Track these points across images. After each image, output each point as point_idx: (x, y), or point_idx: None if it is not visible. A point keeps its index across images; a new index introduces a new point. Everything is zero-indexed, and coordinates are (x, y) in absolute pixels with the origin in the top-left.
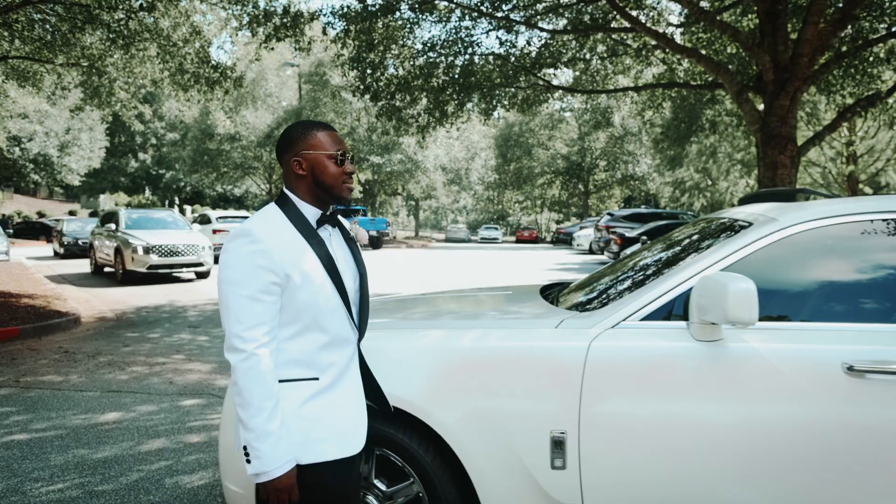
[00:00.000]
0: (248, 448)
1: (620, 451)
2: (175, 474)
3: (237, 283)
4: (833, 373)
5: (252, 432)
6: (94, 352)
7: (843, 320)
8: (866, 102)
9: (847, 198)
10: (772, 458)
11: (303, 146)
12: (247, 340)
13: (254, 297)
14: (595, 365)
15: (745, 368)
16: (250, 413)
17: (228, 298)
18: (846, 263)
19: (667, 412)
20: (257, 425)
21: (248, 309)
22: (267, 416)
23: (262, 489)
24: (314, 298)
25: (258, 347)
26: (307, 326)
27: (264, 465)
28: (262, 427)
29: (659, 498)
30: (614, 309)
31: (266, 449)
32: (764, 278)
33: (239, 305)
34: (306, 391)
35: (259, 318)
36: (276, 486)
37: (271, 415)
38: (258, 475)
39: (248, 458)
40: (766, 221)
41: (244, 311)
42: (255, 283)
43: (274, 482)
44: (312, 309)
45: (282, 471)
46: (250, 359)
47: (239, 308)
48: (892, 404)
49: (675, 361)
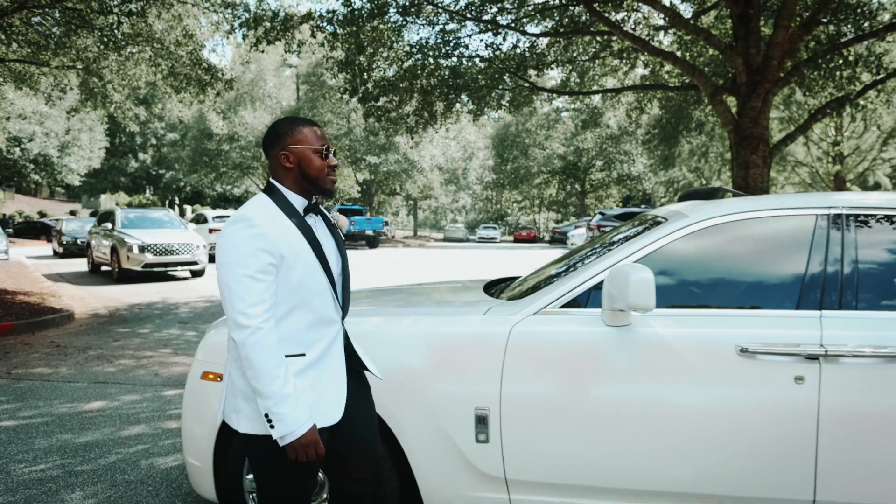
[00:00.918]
0: (269, 415)
1: (538, 426)
2: (151, 456)
3: (238, 265)
4: (727, 354)
5: (270, 399)
6: (84, 346)
7: (735, 306)
8: (836, 104)
9: (752, 196)
10: (673, 433)
11: (289, 141)
12: (250, 317)
13: (254, 276)
14: (515, 348)
15: (650, 351)
16: (265, 382)
17: (230, 279)
18: (743, 255)
19: (579, 391)
20: (274, 392)
21: (250, 288)
22: (281, 383)
23: (289, 449)
24: (305, 279)
25: (262, 322)
26: (296, 306)
27: (288, 427)
28: (279, 392)
29: (573, 469)
30: (537, 298)
31: (287, 411)
32: (671, 269)
33: (240, 285)
34: (294, 366)
35: (260, 296)
36: (302, 442)
37: (285, 381)
38: (283, 437)
39: (272, 424)
40: (678, 218)
41: (246, 290)
42: (255, 264)
43: (300, 440)
44: (302, 289)
45: (305, 428)
46: (256, 333)
47: (241, 287)
48: (779, 383)
49: (588, 345)
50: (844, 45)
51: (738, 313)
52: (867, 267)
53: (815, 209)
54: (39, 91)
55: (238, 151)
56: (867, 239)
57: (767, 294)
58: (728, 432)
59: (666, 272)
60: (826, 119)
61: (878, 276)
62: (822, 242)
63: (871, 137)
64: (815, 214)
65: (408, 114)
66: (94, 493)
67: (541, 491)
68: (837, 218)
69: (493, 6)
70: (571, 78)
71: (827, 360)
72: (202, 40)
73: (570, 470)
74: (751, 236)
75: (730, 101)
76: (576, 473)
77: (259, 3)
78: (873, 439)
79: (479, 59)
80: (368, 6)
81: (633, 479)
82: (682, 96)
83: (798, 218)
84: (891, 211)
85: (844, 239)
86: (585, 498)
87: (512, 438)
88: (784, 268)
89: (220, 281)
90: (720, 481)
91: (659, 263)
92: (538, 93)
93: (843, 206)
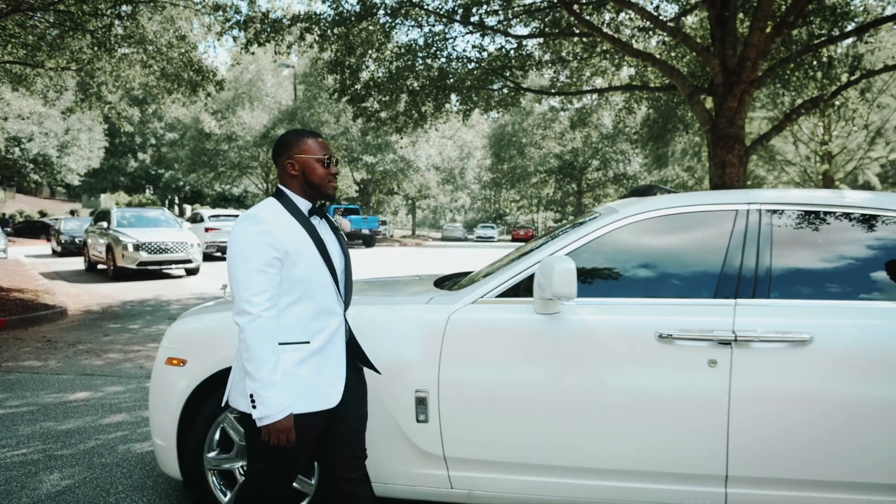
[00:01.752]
0: (254, 396)
1: (473, 407)
2: (128, 442)
3: (245, 258)
4: (647, 340)
5: (258, 382)
6: (74, 341)
7: (657, 296)
8: (811, 104)
9: (682, 193)
10: (597, 414)
11: (295, 150)
12: (253, 304)
13: (259, 269)
14: (452, 334)
15: (577, 338)
16: (257, 366)
17: (238, 271)
18: (667, 248)
19: (511, 374)
20: (263, 376)
21: (255, 279)
22: (271, 369)
23: (264, 431)
24: (307, 272)
25: (263, 311)
26: (301, 297)
27: (268, 410)
28: (267, 378)
29: (505, 447)
30: (475, 288)
31: (270, 396)
32: (600, 261)
33: (247, 276)
34: (300, 353)
35: (263, 286)
36: (277, 427)
37: (274, 368)
38: (261, 419)
39: (255, 405)
40: (609, 213)
41: (251, 281)
42: (261, 258)
43: (275, 424)
44: (306, 282)
45: (282, 415)
46: (257, 320)
47: (247, 278)
48: (694, 366)
49: (520, 331)
50: (817, 46)
51: (659, 302)
52: (781, 258)
53: (736, 205)
54: (35, 92)
55: (236, 151)
56: (782, 233)
57: (688, 284)
58: (647, 412)
59: (595, 264)
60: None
61: (790, 267)
62: (740, 236)
63: (860, 137)
64: (735, 210)
65: (396, 114)
66: (72, 474)
67: (477, 468)
68: (755, 213)
69: (479, 8)
70: (560, 78)
71: (738, 345)
72: (195, 42)
73: (502, 448)
74: (675, 230)
75: (709, 101)
76: (508, 451)
77: (251, 5)
78: (780, 418)
79: (467, 59)
80: (357, 8)
81: (562, 456)
82: (670, 96)
83: (719, 213)
84: (805, 207)
85: (761, 233)
86: (517, 474)
87: (449, 419)
88: (704, 259)
89: (229, 272)
90: (641, 457)
91: (589, 256)
92: (524, 94)
93: (761, 203)
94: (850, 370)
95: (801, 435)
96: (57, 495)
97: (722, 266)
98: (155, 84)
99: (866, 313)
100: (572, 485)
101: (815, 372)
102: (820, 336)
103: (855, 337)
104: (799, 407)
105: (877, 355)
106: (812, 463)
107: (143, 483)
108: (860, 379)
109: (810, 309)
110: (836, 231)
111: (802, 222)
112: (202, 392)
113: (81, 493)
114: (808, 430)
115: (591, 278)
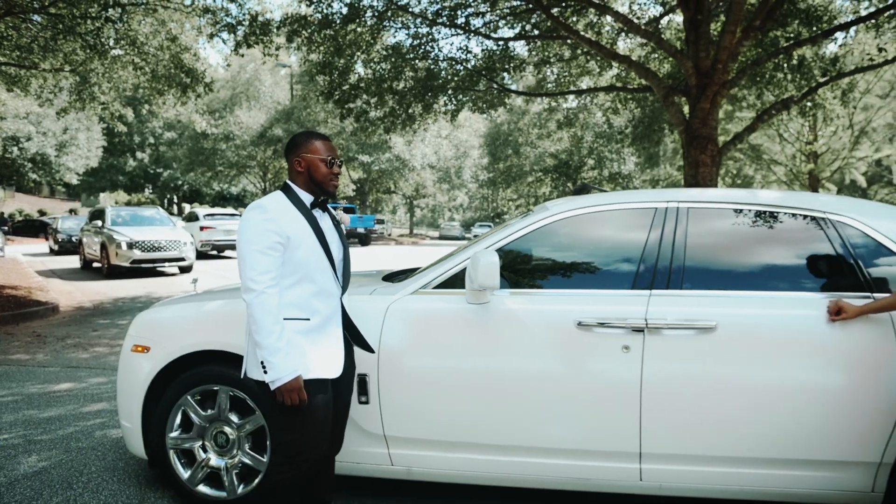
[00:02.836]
0: (264, 363)
1: (410, 389)
2: (105, 428)
3: (251, 242)
4: (568, 327)
5: (266, 349)
6: (63, 335)
7: (580, 287)
8: (781, 105)
9: (610, 192)
10: (522, 395)
11: (303, 150)
12: (258, 282)
13: (263, 251)
14: (391, 322)
15: (504, 325)
16: (263, 335)
17: (244, 252)
18: (591, 243)
19: (445, 359)
20: (270, 344)
21: (259, 260)
22: (276, 337)
23: (278, 393)
24: (307, 257)
25: (266, 287)
26: (301, 278)
27: (278, 373)
28: (274, 345)
29: (440, 426)
30: (415, 280)
31: (278, 361)
32: (530, 255)
33: (252, 258)
34: (301, 327)
35: (267, 267)
36: (288, 387)
37: (279, 336)
38: (273, 381)
39: (265, 370)
40: (541, 211)
41: (256, 262)
42: (265, 241)
43: (286, 385)
44: (306, 265)
45: (291, 377)
46: (261, 296)
47: (252, 259)
48: (610, 351)
49: (453, 319)
50: (786, 49)
51: (581, 292)
52: (694, 253)
53: (655, 203)
54: (30, 93)
55: (233, 150)
56: (696, 229)
57: (609, 276)
58: (568, 394)
59: (526, 258)
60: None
61: (702, 261)
62: (658, 232)
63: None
64: (654, 208)
65: (384, 115)
66: (49, 457)
67: (415, 446)
68: (673, 211)
69: (463, 11)
70: (549, 79)
71: (650, 332)
72: (186, 44)
73: (437, 427)
74: (599, 227)
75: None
76: (443, 430)
77: (240, 8)
78: (689, 399)
79: (454, 61)
80: (345, 10)
81: (491, 435)
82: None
83: (640, 211)
84: (719, 205)
85: (677, 229)
86: (451, 452)
87: (388, 400)
88: (625, 254)
89: (238, 254)
90: (563, 436)
91: (520, 250)
92: (507, 95)
93: (679, 201)
94: (751, 355)
95: (708, 414)
96: (33, 475)
97: (640, 260)
98: (147, 86)
99: (768, 303)
100: (502, 461)
101: (719, 356)
102: (724, 323)
103: (756, 324)
104: (705, 388)
105: (776, 341)
106: (718, 440)
107: (115, 464)
108: (761, 362)
109: (717, 299)
110: (745, 228)
111: (716, 219)
112: (164, 377)
113: (56, 473)
114: (714, 410)
115: (522, 271)
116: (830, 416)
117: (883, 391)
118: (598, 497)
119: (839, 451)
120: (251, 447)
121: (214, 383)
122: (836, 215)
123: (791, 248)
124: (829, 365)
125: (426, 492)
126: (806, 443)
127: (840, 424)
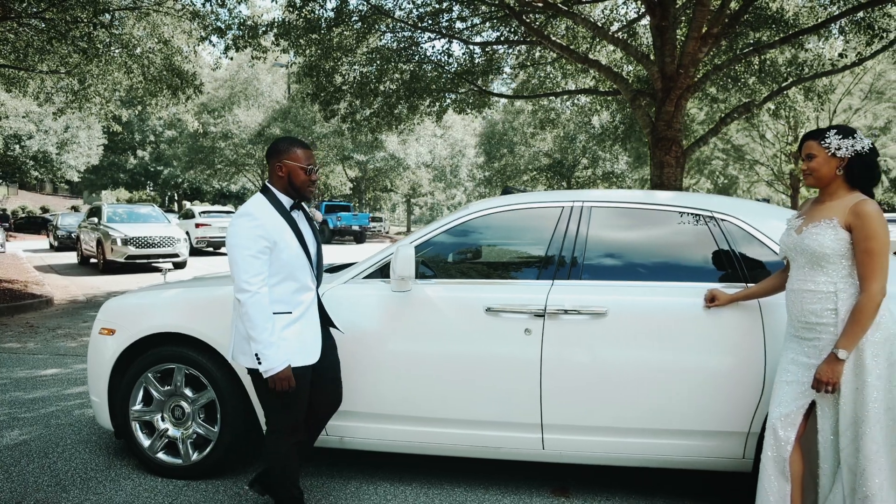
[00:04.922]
0: (258, 355)
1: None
2: (83, 408)
3: (243, 247)
4: (478, 313)
5: (260, 343)
6: (55, 326)
7: (489, 277)
8: (744, 109)
9: (526, 192)
10: (438, 373)
11: (286, 156)
12: (251, 284)
13: (255, 255)
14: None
15: (422, 311)
16: (258, 331)
17: (237, 257)
18: (504, 237)
19: (371, 340)
20: (263, 339)
21: (251, 264)
22: (269, 333)
23: (270, 381)
24: (291, 258)
25: (258, 289)
26: (285, 277)
27: (270, 364)
28: (266, 339)
29: (367, 400)
30: (348, 271)
31: (270, 353)
32: (450, 247)
33: (245, 261)
34: (284, 321)
35: (258, 269)
36: (279, 377)
37: (271, 332)
38: (266, 371)
39: (260, 361)
40: (463, 209)
41: (249, 265)
42: (255, 246)
43: (278, 374)
44: (289, 266)
45: (282, 367)
46: (255, 296)
47: (245, 263)
48: (513, 334)
49: (379, 305)
50: (744, 55)
51: (492, 282)
52: (594, 247)
53: (563, 202)
54: (28, 94)
55: (232, 149)
56: (597, 226)
57: (518, 268)
58: (478, 372)
59: (446, 250)
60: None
61: (600, 254)
62: (563, 228)
63: None
64: (562, 206)
65: (370, 115)
66: (30, 432)
67: (346, 418)
68: (578, 210)
69: (443, 16)
70: (531, 81)
71: (549, 317)
72: (178, 46)
73: (365, 401)
74: (512, 223)
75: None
76: (369, 404)
77: (230, 13)
78: (583, 377)
79: (437, 64)
80: (331, 14)
81: (412, 407)
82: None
83: (549, 209)
84: (619, 205)
85: (580, 226)
86: (377, 423)
87: None
88: (533, 247)
89: (230, 258)
90: (474, 409)
91: (442, 244)
92: (488, 97)
93: (584, 201)
94: (638, 337)
95: (599, 390)
96: (14, 447)
97: (546, 253)
98: (140, 87)
99: (655, 291)
100: (420, 432)
101: (610, 339)
102: (614, 310)
103: (643, 310)
104: (598, 367)
105: (660, 325)
106: (609, 413)
107: (88, 437)
108: (646, 344)
109: (610, 287)
110: (640, 225)
111: (615, 217)
112: (128, 356)
113: (35, 445)
114: (604, 386)
115: (442, 263)
116: (707, 392)
117: (751, 369)
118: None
119: (714, 423)
120: (204, 419)
121: (172, 362)
122: (721, 214)
123: (680, 243)
124: (705, 346)
125: (406, 477)
126: (685, 415)
127: (715, 399)
